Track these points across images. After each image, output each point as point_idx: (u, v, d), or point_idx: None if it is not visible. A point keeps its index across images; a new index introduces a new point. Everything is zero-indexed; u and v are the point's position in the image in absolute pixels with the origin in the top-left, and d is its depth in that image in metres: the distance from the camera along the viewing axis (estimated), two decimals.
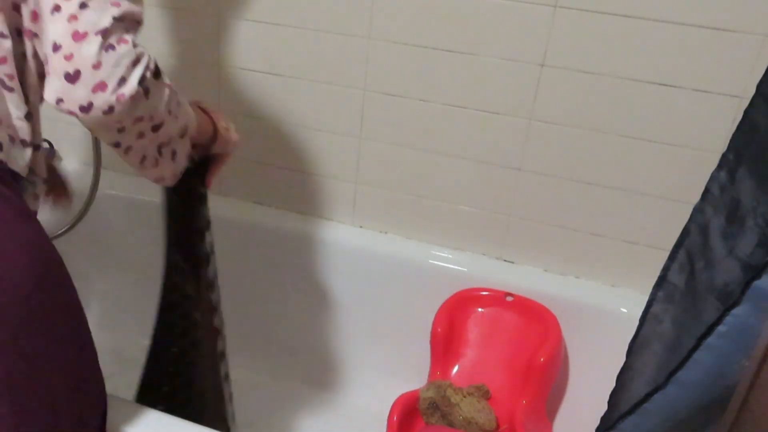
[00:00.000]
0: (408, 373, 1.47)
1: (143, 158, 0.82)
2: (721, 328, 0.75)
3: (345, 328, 1.55)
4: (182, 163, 0.90)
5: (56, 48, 0.68)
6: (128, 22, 0.72)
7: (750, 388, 0.76)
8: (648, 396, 0.81)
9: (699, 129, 1.21)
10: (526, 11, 1.22)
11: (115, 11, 0.70)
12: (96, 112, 0.69)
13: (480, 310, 1.41)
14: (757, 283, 0.72)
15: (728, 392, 0.77)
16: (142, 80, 0.71)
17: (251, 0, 1.38)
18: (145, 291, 1.61)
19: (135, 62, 0.71)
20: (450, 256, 1.45)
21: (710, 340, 0.75)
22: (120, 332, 1.61)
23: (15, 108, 0.75)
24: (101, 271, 1.62)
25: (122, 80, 0.70)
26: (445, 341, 1.40)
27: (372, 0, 1.30)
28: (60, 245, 1.46)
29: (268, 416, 1.49)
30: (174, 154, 0.86)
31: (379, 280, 1.49)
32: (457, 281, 1.42)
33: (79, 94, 0.68)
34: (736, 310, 0.73)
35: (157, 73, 0.75)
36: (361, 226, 1.53)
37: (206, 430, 1.00)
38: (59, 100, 0.69)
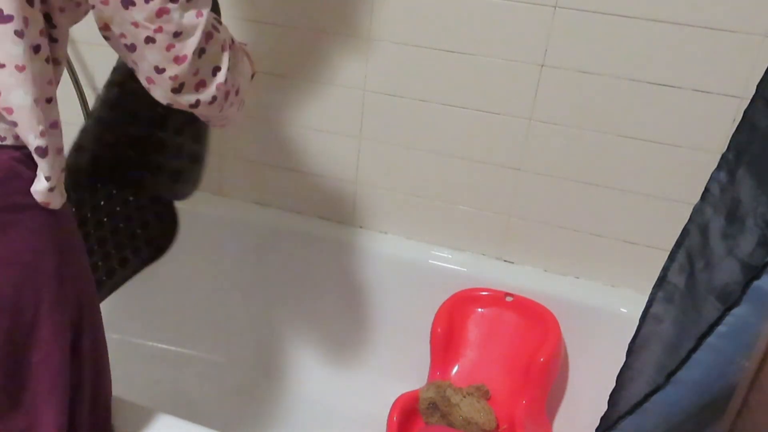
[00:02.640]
0: (408, 373, 1.47)
1: (225, 122, 0.89)
2: (721, 328, 0.75)
3: (345, 328, 1.55)
4: (245, 102, 0.94)
5: (160, 71, 0.74)
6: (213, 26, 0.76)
7: (750, 388, 0.76)
8: (648, 396, 0.81)
9: (699, 129, 1.21)
10: (526, 11, 1.22)
11: (202, 24, 0.74)
12: (203, 106, 0.78)
13: (480, 310, 1.41)
14: (757, 283, 0.72)
15: (728, 392, 0.77)
16: (228, 60, 0.78)
17: (251, 0, 1.38)
18: (146, 291, 1.61)
19: (222, 48, 0.77)
20: (450, 256, 1.45)
21: (710, 340, 0.75)
22: (120, 332, 1.61)
23: None
24: None
25: (216, 70, 0.77)
26: (445, 341, 1.40)
27: (372, 0, 1.30)
28: None
29: (268, 416, 1.49)
30: (242, 102, 0.91)
31: (379, 280, 1.49)
32: (457, 281, 1.42)
33: (186, 98, 0.76)
34: (736, 310, 0.73)
35: (232, 41, 0.81)
36: (361, 226, 1.53)
37: (206, 430, 0.99)
38: (169, 104, 0.77)
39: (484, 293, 1.41)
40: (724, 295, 0.84)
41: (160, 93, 0.76)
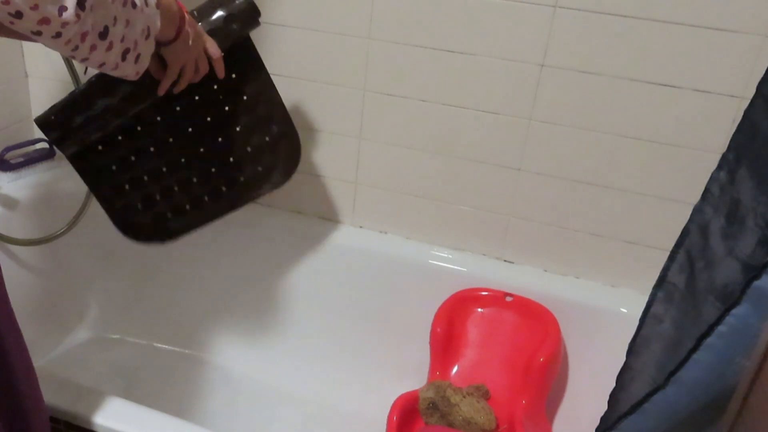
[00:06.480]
0: (408, 373, 1.47)
1: (102, 65, 0.82)
2: (721, 328, 0.75)
3: (345, 327, 1.55)
4: (146, 63, 0.89)
5: None
6: None
7: (750, 388, 0.76)
8: (648, 396, 0.81)
9: (699, 129, 1.21)
10: (526, 11, 1.22)
11: None
12: (45, 38, 0.72)
13: (480, 310, 1.41)
14: (757, 283, 0.72)
15: (728, 392, 0.77)
16: (81, 0, 0.71)
17: None
18: (145, 291, 1.61)
19: None
20: (450, 256, 1.45)
21: (710, 340, 0.75)
22: (120, 332, 1.61)
23: None
24: (101, 271, 1.62)
25: (62, 9, 0.70)
26: (445, 341, 1.40)
27: (372, 0, 1.30)
28: (59, 245, 1.46)
29: (266, 415, 1.49)
30: (138, 57, 0.86)
31: (379, 280, 1.49)
32: (457, 281, 1.42)
33: (26, 26, 0.70)
34: (736, 311, 0.73)
35: None
36: (361, 226, 1.53)
37: (192, 426, 0.99)
38: (11, 23, 0.70)
39: (484, 293, 1.40)
40: (724, 295, 0.84)
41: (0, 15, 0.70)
